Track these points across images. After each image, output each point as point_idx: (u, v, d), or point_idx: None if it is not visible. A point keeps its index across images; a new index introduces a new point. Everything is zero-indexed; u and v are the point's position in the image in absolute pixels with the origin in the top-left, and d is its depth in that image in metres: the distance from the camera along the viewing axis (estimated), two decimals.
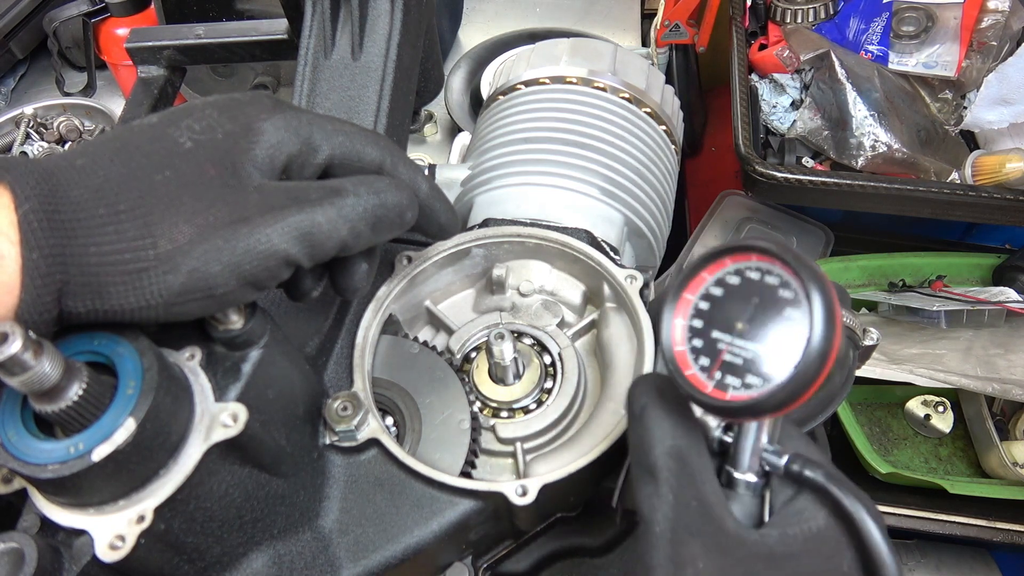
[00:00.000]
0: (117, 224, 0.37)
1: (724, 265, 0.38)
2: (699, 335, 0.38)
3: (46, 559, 0.38)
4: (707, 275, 0.38)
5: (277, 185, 0.42)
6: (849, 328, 0.53)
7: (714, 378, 0.37)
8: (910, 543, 1.03)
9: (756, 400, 0.35)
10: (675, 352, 0.38)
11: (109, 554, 0.38)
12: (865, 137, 1.02)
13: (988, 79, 1.00)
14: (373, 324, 0.57)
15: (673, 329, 0.38)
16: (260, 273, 0.40)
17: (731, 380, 0.36)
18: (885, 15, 1.11)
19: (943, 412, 1.09)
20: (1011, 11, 1.06)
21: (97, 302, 0.37)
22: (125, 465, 0.37)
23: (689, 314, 0.38)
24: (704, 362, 0.37)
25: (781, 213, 1.23)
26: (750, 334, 0.37)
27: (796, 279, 0.35)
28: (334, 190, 0.43)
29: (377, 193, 0.45)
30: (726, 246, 0.38)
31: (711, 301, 0.38)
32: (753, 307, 0.37)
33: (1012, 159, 0.95)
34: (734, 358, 0.37)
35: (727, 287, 0.38)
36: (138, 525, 0.38)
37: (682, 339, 0.38)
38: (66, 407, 0.35)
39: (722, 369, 0.37)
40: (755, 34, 1.17)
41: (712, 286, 0.38)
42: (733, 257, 0.38)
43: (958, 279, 1.15)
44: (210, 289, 0.38)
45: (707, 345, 0.38)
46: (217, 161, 0.40)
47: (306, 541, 0.49)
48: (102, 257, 0.36)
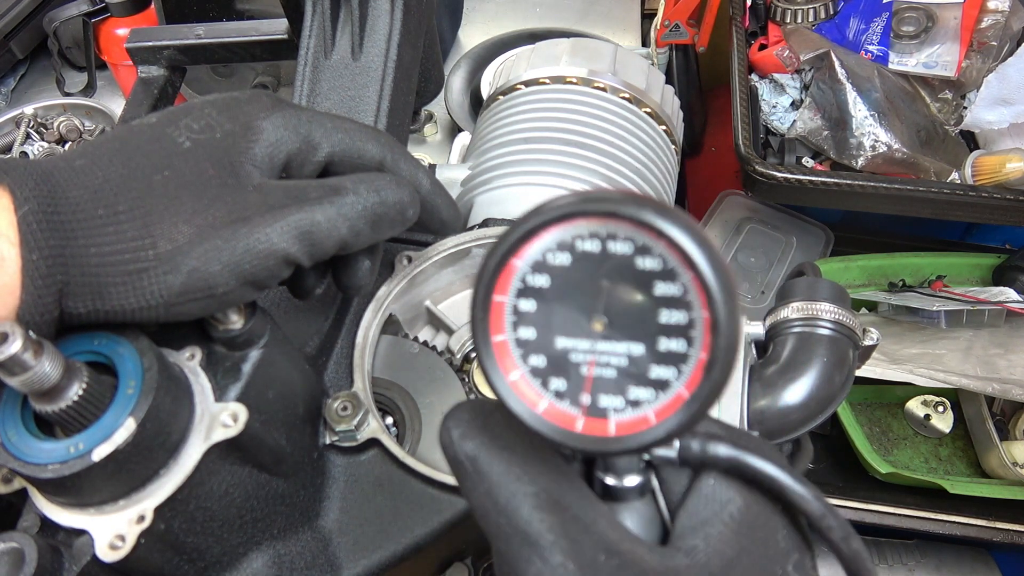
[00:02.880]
0: (116, 224, 0.37)
1: (540, 243, 0.26)
2: (536, 350, 0.27)
3: (46, 559, 0.38)
4: (517, 262, 0.27)
5: (277, 184, 0.42)
6: (849, 328, 0.53)
7: (581, 404, 0.27)
8: (910, 543, 1.03)
9: (664, 422, 0.26)
10: (508, 384, 0.27)
11: (109, 554, 0.38)
12: (865, 137, 1.02)
13: (988, 79, 1.00)
14: (373, 324, 0.57)
15: (493, 353, 0.27)
16: (260, 272, 0.40)
17: (608, 401, 0.27)
18: (885, 15, 1.11)
19: (943, 412, 1.09)
20: (1011, 11, 1.06)
21: (98, 302, 0.37)
22: (125, 465, 0.37)
23: (507, 324, 0.27)
24: (559, 385, 0.27)
25: (781, 213, 1.23)
26: (616, 331, 0.26)
27: (657, 239, 0.25)
28: (334, 188, 0.43)
29: (377, 191, 0.44)
30: (534, 214, 0.26)
31: (537, 297, 0.27)
32: (605, 293, 0.26)
33: (1012, 159, 0.95)
34: (603, 370, 0.27)
35: (554, 272, 0.27)
36: (138, 525, 0.38)
37: (512, 362, 0.27)
38: (66, 407, 0.35)
39: (592, 389, 0.27)
40: (755, 34, 1.17)
41: (530, 275, 0.27)
42: (550, 228, 0.26)
43: (958, 279, 1.15)
44: (210, 289, 0.38)
45: (554, 361, 0.27)
46: (216, 160, 0.40)
47: (306, 541, 0.49)
48: (102, 258, 0.36)
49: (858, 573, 0.30)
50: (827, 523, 0.29)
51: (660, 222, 0.24)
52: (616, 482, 0.31)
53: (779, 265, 1.18)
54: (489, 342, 0.27)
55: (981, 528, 0.94)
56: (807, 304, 0.53)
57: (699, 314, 0.25)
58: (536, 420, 0.27)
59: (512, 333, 0.27)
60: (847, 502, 0.95)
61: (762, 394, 0.51)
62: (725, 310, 0.24)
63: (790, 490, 0.29)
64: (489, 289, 0.27)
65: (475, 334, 0.27)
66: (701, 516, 0.30)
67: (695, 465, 0.31)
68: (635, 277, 0.26)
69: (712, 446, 0.30)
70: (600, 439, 0.27)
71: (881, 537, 1.04)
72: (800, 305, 0.53)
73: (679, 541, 0.30)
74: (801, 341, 0.53)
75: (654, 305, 0.26)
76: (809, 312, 0.53)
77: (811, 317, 0.53)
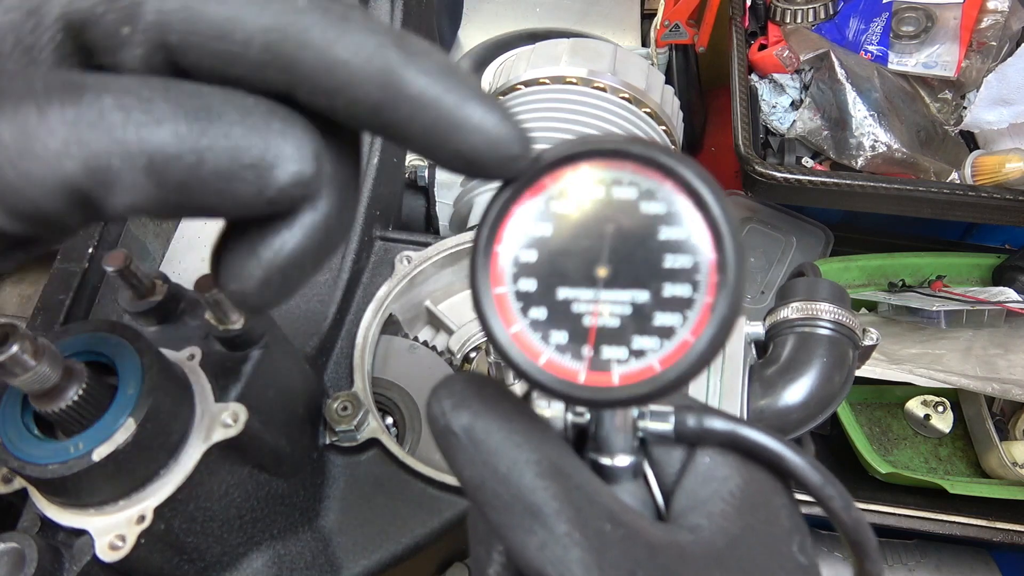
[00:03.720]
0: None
1: (542, 190, 0.26)
2: (537, 302, 0.26)
3: (46, 559, 0.38)
4: (519, 210, 0.26)
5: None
6: (849, 328, 0.53)
7: (583, 357, 0.26)
8: (910, 543, 1.04)
9: (671, 369, 0.25)
10: (510, 337, 0.26)
11: (109, 554, 0.38)
12: (865, 137, 1.02)
13: (988, 79, 1.00)
14: (373, 324, 0.57)
15: (494, 305, 0.26)
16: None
17: (612, 352, 0.26)
18: (885, 15, 1.11)
19: (943, 412, 1.09)
20: (1010, 11, 1.06)
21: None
22: (125, 465, 0.37)
23: (509, 276, 0.26)
24: (560, 339, 0.26)
25: (781, 213, 1.23)
26: (620, 278, 0.26)
27: (663, 180, 0.25)
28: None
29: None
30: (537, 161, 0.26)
31: (538, 248, 0.26)
32: (610, 239, 0.26)
33: (1012, 159, 0.95)
34: (608, 320, 0.26)
35: (557, 220, 0.26)
36: (138, 525, 0.38)
37: (512, 316, 0.26)
38: (66, 407, 0.35)
39: (595, 340, 0.26)
40: (755, 34, 1.17)
41: (533, 224, 0.26)
42: (552, 175, 0.26)
43: (958, 279, 1.15)
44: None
45: (555, 313, 0.26)
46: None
47: (306, 541, 0.49)
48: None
49: (860, 542, 0.30)
50: (827, 492, 0.29)
51: (669, 161, 0.25)
52: (609, 462, 0.30)
53: (779, 265, 1.18)
54: (490, 294, 0.26)
55: (981, 528, 0.94)
56: (807, 304, 0.53)
57: (704, 257, 0.25)
58: (538, 372, 0.26)
59: (512, 285, 0.27)
60: None
61: (762, 394, 0.51)
62: (733, 248, 0.24)
63: (789, 461, 0.29)
64: (491, 239, 0.26)
65: (474, 286, 0.27)
66: (700, 495, 0.29)
67: (691, 440, 0.30)
68: (640, 222, 0.26)
69: (708, 420, 0.30)
70: (604, 389, 0.26)
71: (881, 537, 1.04)
72: (800, 305, 0.54)
73: (679, 520, 0.29)
74: (801, 341, 0.53)
75: (659, 250, 0.25)
76: (809, 312, 0.53)
77: (811, 317, 0.53)
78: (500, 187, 0.26)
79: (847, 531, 0.30)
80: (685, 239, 0.25)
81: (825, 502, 0.29)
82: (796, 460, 0.29)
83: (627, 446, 0.30)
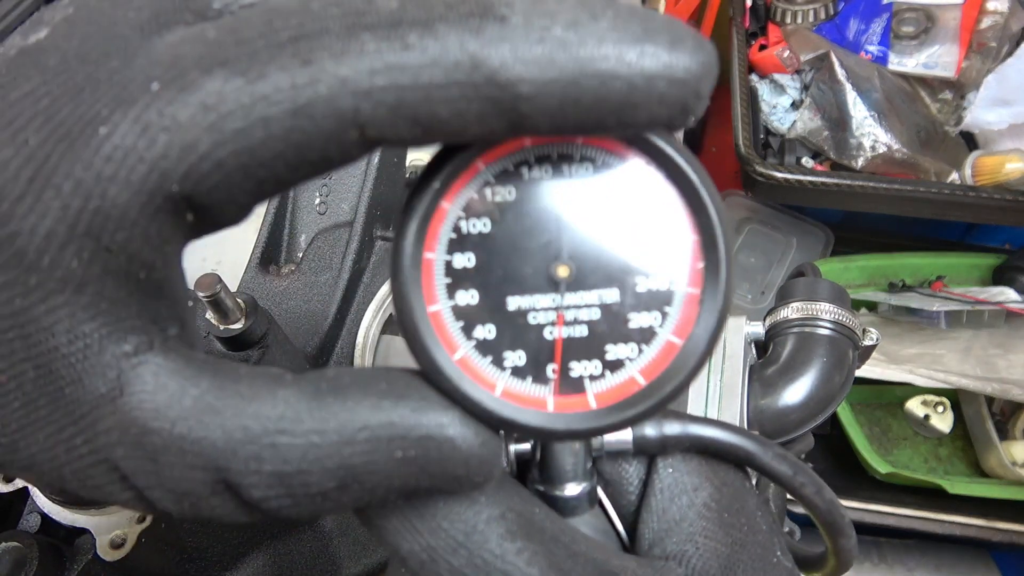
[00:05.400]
0: None
1: (475, 175, 0.20)
2: (482, 318, 0.21)
3: (47, 558, 0.38)
4: (447, 204, 0.20)
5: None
6: (849, 328, 0.53)
7: (548, 378, 0.21)
8: (910, 543, 1.04)
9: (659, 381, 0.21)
10: (455, 365, 0.21)
11: (110, 553, 0.38)
12: (865, 137, 1.02)
13: (987, 80, 1.00)
14: (373, 324, 0.57)
15: (431, 328, 0.21)
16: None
17: (583, 367, 0.21)
18: (885, 16, 1.12)
19: (943, 412, 1.09)
20: (1010, 12, 1.06)
21: None
22: None
23: (440, 288, 0.21)
24: (516, 359, 0.21)
25: (781, 213, 1.23)
26: (586, 276, 0.21)
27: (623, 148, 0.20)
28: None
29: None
30: (465, 148, 0.20)
31: (476, 250, 0.21)
32: (567, 229, 0.20)
33: (1011, 159, 0.95)
34: (572, 329, 0.21)
35: (497, 212, 0.21)
36: (139, 524, 0.38)
37: (453, 339, 0.21)
38: None
39: (562, 358, 0.21)
40: (755, 34, 1.17)
41: (466, 221, 0.21)
42: (487, 156, 0.20)
43: (958, 279, 1.15)
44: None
45: (507, 329, 0.21)
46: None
47: (306, 541, 0.49)
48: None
49: (834, 522, 0.29)
50: (799, 480, 0.27)
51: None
52: (561, 493, 0.25)
53: (779, 265, 1.18)
54: (424, 315, 0.21)
55: (980, 528, 0.95)
56: (807, 304, 0.53)
57: (684, 239, 0.20)
58: (496, 406, 0.20)
59: (448, 300, 0.21)
60: (847, 502, 0.95)
61: (762, 394, 0.51)
62: (721, 227, 0.20)
63: (756, 456, 0.26)
64: (418, 244, 0.20)
65: (402, 306, 0.21)
66: (671, 513, 0.26)
67: (653, 451, 0.26)
68: (600, 205, 0.20)
69: (669, 425, 0.26)
70: (581, 415, 0.21)
71: (881, 537, 1.04)
72: (800, 305, 0.54)
73: (657, 548, 0.25)
74: (801, 341, 0.53)
75: (627, 236, 0.20)
76: (809, 312, 0.53)
77: (811, 317, 0.53)
78: (422, 176, 0.20)
79: (821, 514, 0.29)
80: (658, 219, 0.20)
81: (797, 491, 0.27)
82: (763, 453, 0.26)
83: (579, 471, 0.25)
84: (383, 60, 0.17)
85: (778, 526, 0.29)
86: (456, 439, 0.20)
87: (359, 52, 0.17)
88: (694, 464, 0.27)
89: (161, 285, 0.20)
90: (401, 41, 0.17)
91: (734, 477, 0.28)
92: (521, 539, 0.22)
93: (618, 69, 0.17)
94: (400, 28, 0.17)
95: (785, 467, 0.27)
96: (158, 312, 0.20)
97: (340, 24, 0.18)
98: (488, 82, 0.17)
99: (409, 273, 0.20)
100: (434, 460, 0.19)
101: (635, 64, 0.17)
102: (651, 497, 0.26)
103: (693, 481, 0.26)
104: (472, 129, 0.18)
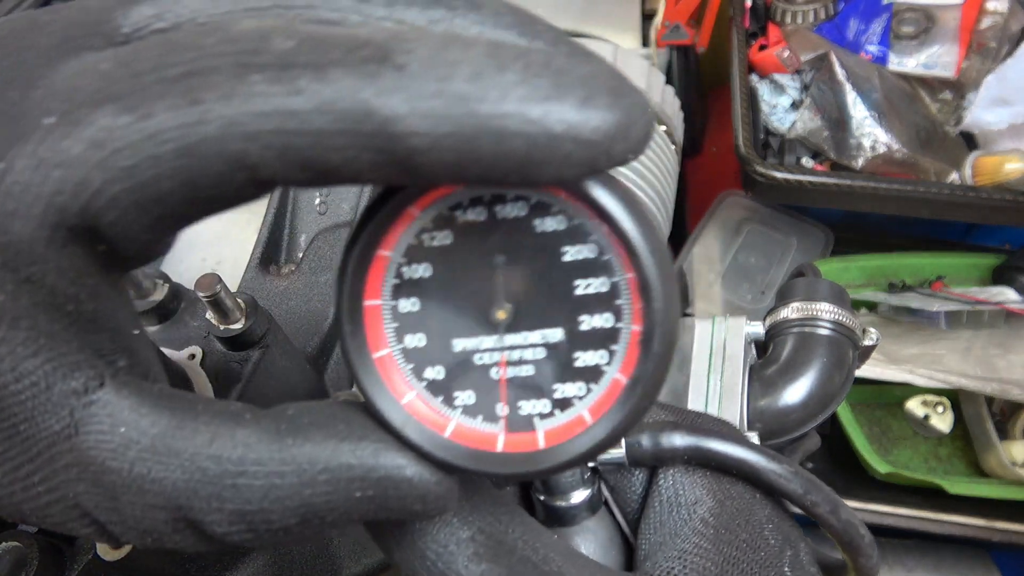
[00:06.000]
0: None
1: (410, 221, 0.21)
2: (431, 360, 0.22)
3: (48, 558, 0.38)
4: (387, 252, 0.21)
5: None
6: (849, 328, 0.53)
7: (498, 417, 0.21)
8: (909, 543, 1.04)
9: (604, 419, 0.20)
10: (403, 409, 0.21)
11: (110, 553, 0.38)
12: (865, 137, 1.02)
13: (987, 80, 1.00)
14: None
15: (377, 372, 0.21)
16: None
17: (532, 406, 0.21)
18: (885, 16, 1.12)
19: (943, 412, 1.09)
20: (1010, 12, 1.06)
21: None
22: None
23: (389, 333, 0.22)
24: (466, 399, 0.22)
25: (781, 213, 1.23)
26: (524, 318, 0.21)
27: (557, 192, 0.20)
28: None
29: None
30: (401, 192, 0.20)
31: (419, 294, 0.21)
32: (503, 272, 0.21)
33: (1011, 160, 0.95)
34: (518, 369, 0.21)
35: (436, 257, 0.21)
36: None
37: (402, 381, 0.22)
38: None
39: (508, 395, 0.21)
40: (755, 35, 1.17)
41: (407, 266, 0.21)
42: (420, 203, 0.20)
43: (958, 279, 1.15)
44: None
45: (456, 369, 0.22)
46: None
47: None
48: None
49: (852, 542, 0.28)
50: (811, 499, 0.26)
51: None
52: (560, 502, 0.25)
53: (779, 265, 1.18)
54: (369, 360, 0.21)
55: (980, 528, 0.95)
56: (806, 304, 0.53)
57: (623, 276, 0.20)
58: (445, 449, 0.21)
59: (397, 344, 0.22)
60: (847, 502, 0.95)
61: (762, 394, 0.51)
62: (653, 263, 0.19)
63: (766, 471, 0.25)
64: (357, 292, 0.21)
65: (347, 352, 0.21)
66: (668, 527, 0.25)
67: (649, 463, 0.26)
68: (537, 244, 0.20)
69: (665, 437, 0.26)
70: (528, 456, 0.21)
71: (880, 537, 1.04)
72: (799, 305, 0.54)
73: (649, 564, 0.25)
74: (801, 341, 0.53)
75: (566, 276, 0.20)
76: (808, 312, 0.53)
77: (810, 317, 0.53)
78: (357, 224, 0.21)
79: (838, 535, 0.28)
80: (595, 257, 0.20)
81: (810, 510, 0.27)
82: (772, 468, 0.26)
83: (578, 480, 0.26)
84: (271, 104, 0.17)
85: (795, 540, 0.28)
86: (414, 479, 0.20)
87: (247, 94, 0.17)
88: (697, 477, 0.26)
89: (95, 318, 0.20)
90: (291, 85, 0.17)
91: (741, 490, 0.27)
92: (487, 561, 0.22)
93: (520, 128, 0.16)
94: (291, 71, 0.17)
95: (795, 485, 0.26)
96: (101, 345, 0.20)
97: (231, 63, 0.17)
98: (379, 133, 0.16)
99: (350, 323, 0.21)
100: (392, 498, 0.20)
101: (538, 123, 0.16)
102: (650, 509, 0.26)
103: (693, 494, 0.26)
104: (367, 177, 0.17)
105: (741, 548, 0.25)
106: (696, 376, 0.52)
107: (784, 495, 0.26)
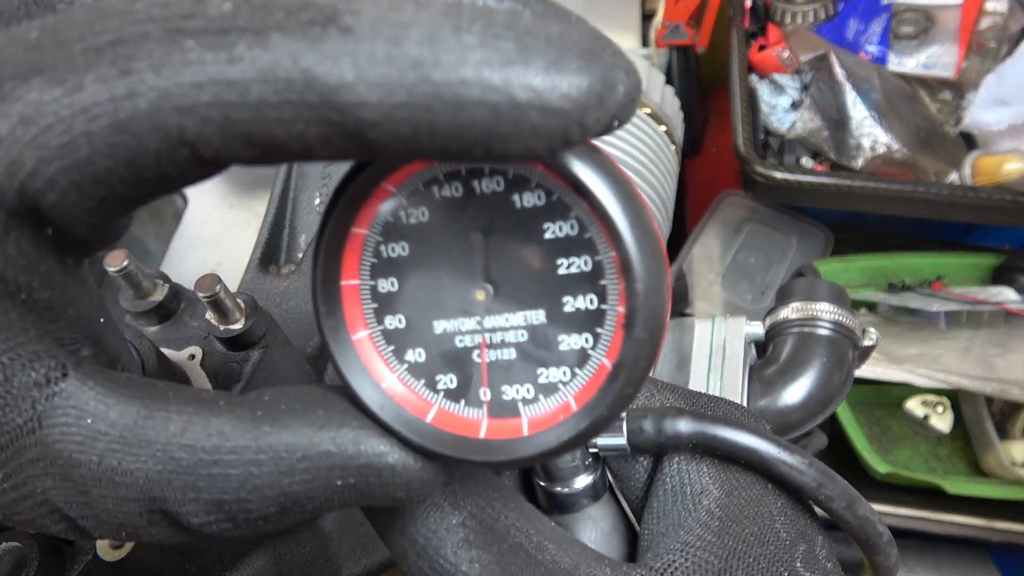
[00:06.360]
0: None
1: (384, 198, 0.20)
2: (411, 342, 0.21)
3: (48, 558, 0.38)
4: (362, 230, 0.20)
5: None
6: (848, 328, 0.53)
7: (481, 402, 0.21)
8: (909, 543, 1.04)
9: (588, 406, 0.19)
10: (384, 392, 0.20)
11: (110, 553, 0.38)
12: (865, 138, 1.02)
13: (987, 80, 1.00)
14: None
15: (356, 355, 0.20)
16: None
17: (515, 392, 0.20)
18: (884, 16, 1.12)
19: (942, 412, 1.09)
20: (1009, 13, 1.06)
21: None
22: None
23: (368, 314, 0.21)
24: (448, 383, 0.21)
25: (781, 213, 1.23)
26: (505, 299, 0.20)
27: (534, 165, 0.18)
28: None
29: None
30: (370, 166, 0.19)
31: (396, 272, 0.20)
32: (481, 250, 0.20)
33: (1011, 160, 0.95)
34: (499, 352, 0.20)
35: (413, 233, 0.20)
36: None
37: (383, 364, 0.21)
38: None
39: (490, 379, 0.20)
40: (755, 35, 1.17)
41: (384, 245, 0.20)
42: (394, 178, 0.19)
43: (958, 279, 1.15)
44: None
45: (437, 352, 0.21)
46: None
47: (306, 541, 0.49)
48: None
49: (868, 540, 0.26)
50: (826, 492, 0.25)
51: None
52: (561, 488, 0.25)
53: (779, 265, 1.18)
54: (348, 342, 0.20)
55: (980, 528, 0.95)
56: (806, 304, 0.53)
57: (607, 255, 0.19)
58: (427, 435, 0.20)
59: (377, 325, 0.21)
60: None
61: (762, 394, 0.51)
62: (633, 240, 0.17)
63: (775, 461, 0.24)
64: (333, 271, 0.20)
65: (325, 334, 0.20)
66: (672, 517, 0.24)
67: (652, 450, 0.25)
68: (516, 221, 0.19)
69: (669, 423, 0.24)
70: (511, 443, 0.20)
71: None
72: (799, 305, 0.54)
73: (650, 555, 0.24)
74: (800, 341, 0.53)
75: (548, 254, 0.19)
76: (808, 312, 0.53)
77: (810, 317, 0.53)
78: (329, 201, 0.20)
79: (854, 531, 0.26)
80: (577, 234, 0.19)
81: (824, 504, 0.25)
82: (784, 458, 0.24)
83: (580, 465, 0.25)
84: (206, 73, 0.15)
85: (811, 534, 0.26)
86: (396, 466, 0.19)
87: (181, 62, 0.15)
88: (704, 465, 0.25)
89: (52, 306, 0.19)
90: (228, 52, 0.15)
91: (752, 480, 0.26)
92: (476, 548, 0.21)
93: (481, 96, 0.14)
94: (229, 36, 0.15)
95: (808, 477, 0.24)
96: (61, 334, 0.19)
97: (163, 28, 0.15)
98: (325, 104, 0.15)
99: (326, 304, 0.20)
100: (375, 485, 0.19)
101: (500, 90, 0.14)
102: (654, 497, 0.25)
103: (699, 484, 0.25)
104: (320, 153, 0.16)
105: (748, 541, 0.24)
106: (696, 376, 0.52)
107: (795, 487, 0.25)
